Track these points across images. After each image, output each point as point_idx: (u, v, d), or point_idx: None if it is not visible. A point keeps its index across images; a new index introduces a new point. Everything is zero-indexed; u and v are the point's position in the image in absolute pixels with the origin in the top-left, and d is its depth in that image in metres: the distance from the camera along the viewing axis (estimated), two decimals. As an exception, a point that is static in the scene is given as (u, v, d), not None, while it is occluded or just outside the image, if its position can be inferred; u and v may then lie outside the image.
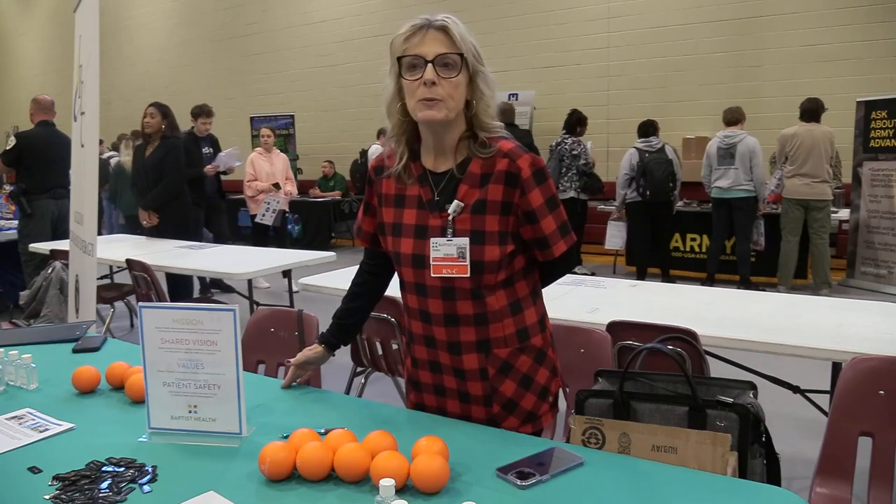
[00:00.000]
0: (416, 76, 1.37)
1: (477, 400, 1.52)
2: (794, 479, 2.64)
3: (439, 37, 1.37)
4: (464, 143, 1.46)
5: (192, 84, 12.82)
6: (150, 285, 3.88)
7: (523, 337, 1.51)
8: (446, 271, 1.44)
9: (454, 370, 1.52)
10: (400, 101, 1.45)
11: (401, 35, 1.40)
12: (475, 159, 1.45)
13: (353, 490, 1.23)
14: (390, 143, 1.53)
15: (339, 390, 2.21)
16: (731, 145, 6.11)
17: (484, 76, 1.42)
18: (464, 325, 1.48)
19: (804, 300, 3.00)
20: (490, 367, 1.49)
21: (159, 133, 5.08)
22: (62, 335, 2.24)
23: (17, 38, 16.49)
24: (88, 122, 3.49)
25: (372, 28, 10.47)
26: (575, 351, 2.13)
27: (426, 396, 1.61)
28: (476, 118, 1.44)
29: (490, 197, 1.43)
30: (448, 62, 1.37)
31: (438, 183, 1.47)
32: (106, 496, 1.20)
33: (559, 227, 1.47)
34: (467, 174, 1.45)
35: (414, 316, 1.55)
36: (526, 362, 1.52)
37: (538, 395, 1.54)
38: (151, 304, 1.44)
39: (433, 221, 1.46)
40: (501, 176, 1.43)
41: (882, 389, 1.72)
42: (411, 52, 1.38)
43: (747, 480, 1.35)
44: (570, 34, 8.90)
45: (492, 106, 1.45)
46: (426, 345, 1.54)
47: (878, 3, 7.14)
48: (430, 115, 1.38)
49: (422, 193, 1.48)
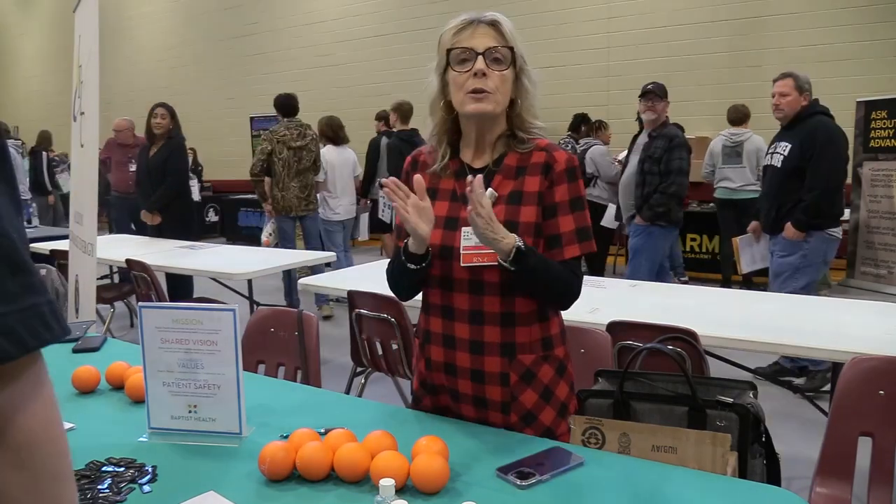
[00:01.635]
0: (465, 68, 1.39)
1: (494, 406, 1.48)
2: (794, 479, 2.64)
3: (490, 31, 1.39)
4: (502, 141, 1.47)
5: (192, 84, 12.82)
6: (150, 285, 3.88)
7: (548, 346, 1.49)
8: (477, 259, 1.42)
9: (472, 373, 1.47)
10: (444, 99, 1.45)
11: (450, 29, 1.42)
12: (511, 153, 1.46)
13: (353, 490, 1.23)
14: (431, 140, 1.53)
15: (339, 390, 2.21)
16: (737, 143, 6.08)
17: (529, 75, 1.45)
18: (489, 323, 1.44)
19: (804, 300, 3.00)
20: (513, 372, 1.46)
21: (165, 134, 5.10)
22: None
23: (17, 38, 16.49)
24: (88, 122, 3.49)
25: (372, 28, 10.47)
26: (575, 351, 2.12)
27: (442, 399, 1.56)
28: (518, 117, 1.46)
29: (527, 189, 1.44)
30: (498, 56, 1.39)
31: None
32: (106, 496, 1.20)
33: (578, 230, 1.44)
34: (503, 166, 1.46)
35: (435, 313, 1.51)
36: (548, 373, 1.49)
37: (557, 411, 1.50)
38: (151, 304, 1.44)
39: (465, 213, 1.44)
40: (538, 168, 1.44)
41: (882, 389, 1.72)
42: (461, 45, 1.39)
43: (747, 480, 1.35)
44: (570, 34, 8.90)
45: (535, 105, 1.47)
46: (444, 345, 1.50)
47: (878, 3, 7.14)
48: (479, 108, 1.39)
49: (456, 187, 1.48)
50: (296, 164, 5.53)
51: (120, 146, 6.66)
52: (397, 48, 10.03)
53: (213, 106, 12.44)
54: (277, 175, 5.51)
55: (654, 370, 1.68)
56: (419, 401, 1.62)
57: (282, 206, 5.56)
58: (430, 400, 1.59)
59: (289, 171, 5.51)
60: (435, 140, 1.51)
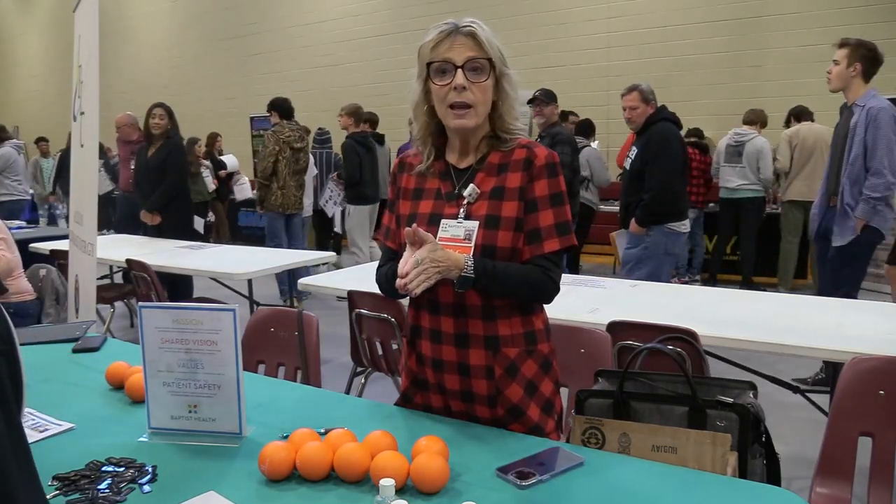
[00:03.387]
0: (445, 81, 1.42)
1: (481, 400, 1.50)
2: (794, 479, 2.64)
3: (468, 42, 1.42)
4: (485, 141, 1.51)
5: (192, 84, 12.83)
6: (151, 285, 3.88)
7: (531, 340, 1.51)
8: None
9: (459, 366, 1.50)
10: (426, 105, 1.49)
11: (429, 42, 1.44)
12: (494, 152, 1.50)
13: (353, 490, 1.23)
14: (416, 144, 1.57)
15: (339, 390, 2.21)
16: (739, 143, 6.13)
17: (509, 78, 1.48)
18: (471, 316, 1.47)
19: (804, 300, 3.00)
20: (497, 366, 1.48)
21: (164, 134, 5.10)
22: (62, 335, 2.24)
23: (17, 38, 16.49)
24: (88, 122, 3.49)
25: (372, 28, 10.47)
26: (575, 351, 2.13)
27: (433, 397, 1.57)
28: (500, 119, 1.49)
29: (508, 184, 1.47)
30: (477, 66, 1.42)
31: (460, 177, 1.51)
32: (106, 496, 1.20)
33: (557, 225, 1.46)
34: (485, 164, 1.49)
35: (423, 307, 1.54)
36: (532, 368, 1.50)
37: (542, 408, 1.51)
38: (151, 304, 1.44)
39: (448, 210, 1.49)
40: (519, 164, 1.47)
41: (882, 389, 1.72)
42: (440, 58, 1.42)
43: (747, 480, 1.35)
44: (570, 34, 8.90)
45: (515, 108, 1.50)
46: (431, 339, 1.52)
47: (878, 3, 7.14)
48: (461, 124, 1.44)
49: (441, 186, 1.52)
50: (293, 164, 5.82)
51: (124, 143, 6.46)
52: (397, 48, 10.03)
53: (213, 106, 12.44)
54: (280, 174, 5.75)
55: (654, 370, 1.68)
56: (409, 399, 1.62)
57: (280, 203, 5.79)
58: (421, 397, 1.60)
59: (290, 170, 5.79)
60: (420, 143, 1.56)
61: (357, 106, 6.22)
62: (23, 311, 3.56)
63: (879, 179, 3.38)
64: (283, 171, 5.75)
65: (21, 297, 3.57)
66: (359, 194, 6.21)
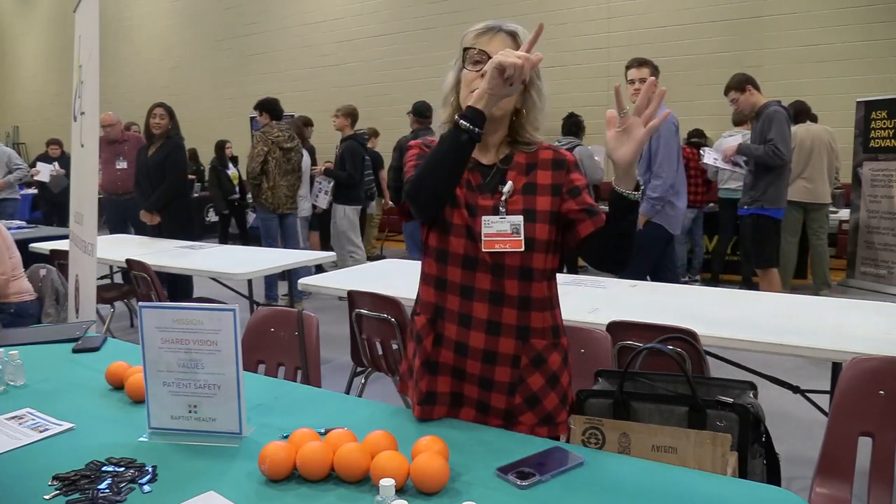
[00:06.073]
0: (477, 69, 1.47)
1: (500, 387, 1.51)
2: (794, 479, 2.64)
3: (507, 41, 1.48)
4: (506, 144, 1.56)
5: (192, 84, 12.82)
6: (150, 285, 3.88)
7: (556, 334, 1.55)
8: (499, 246, 1.48)
9: (484, 353, 1.50)
10: (456, 94, 1.53)
11: (473, 31, 1.51)
12: (518, 153, 1.54)
13: (353, 490, 1.23)
14: (442, 131, 1.54)
15: (339, 390, 2.21)
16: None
17: (538, 88, 1.52)
18: (507, 305, 1.49)
19: (804, 300, 3.00)
20: (524, 355, 1.50)
21: (164, 133, 5.10)
22: (62, 335, 2.24)
23: (17, 38, 16.49)
24: (88, 122, 3.49)
25: (372, 28, 10.47)
26: (575, 351, 2.13)
27: (441, 381, 1.53)
28: (522, 128, 1.53)
29: (539, 181, 1.52)
30: None
31: (486, 172, 1.54)
32: (106, 496, 1.20)
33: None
34: (513, 164, 1.54)
35: (453, 291, 1.51)
36: (556, 360, 1.54)
37: (560, 399, 1.55)
38: (151, 304, 1.44)
39: (483, 201, 1.50)
40: (548, 163, 1.53)
41: (882, 389, 1.72)
42: (478, 48, 1.48)
43: (747, 480, 1.35)
44: (570, 34, 8.90)
45: (539, 119, 1.53)
46: (460, 323, 1.51)
47: (878, 3, 7.14)
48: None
49: (471, 178, 1.53)
50: (285, 164, 5.83)
51: (107, 143, 6.10)
52: (397, 48, 10.03)
53: (213, 106, 12.44)
54: (270, 174, 5.77)
55: (654, 370, 1.68)
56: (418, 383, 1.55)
57: (271, 202, 5.81)
58: (432, 382, 1.53)
59: (280, 170, 5.81)
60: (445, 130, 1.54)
61: (353, 107, 6.27)
62: (23, 311, 3.56)
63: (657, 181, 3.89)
64: (272, 171, 5.75)
65: (21, 297, 3.57)
66: (354, 195, 6.30)
